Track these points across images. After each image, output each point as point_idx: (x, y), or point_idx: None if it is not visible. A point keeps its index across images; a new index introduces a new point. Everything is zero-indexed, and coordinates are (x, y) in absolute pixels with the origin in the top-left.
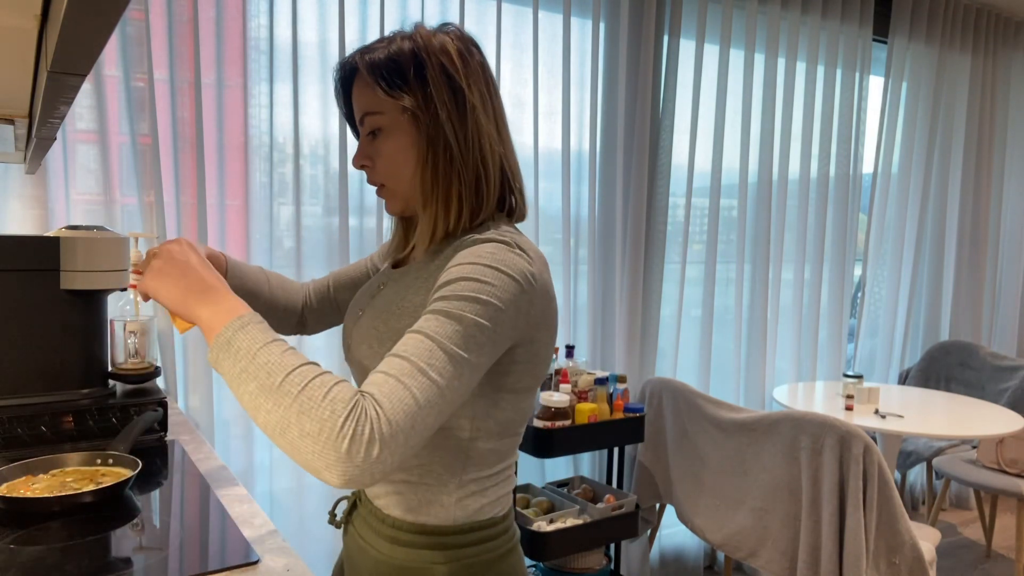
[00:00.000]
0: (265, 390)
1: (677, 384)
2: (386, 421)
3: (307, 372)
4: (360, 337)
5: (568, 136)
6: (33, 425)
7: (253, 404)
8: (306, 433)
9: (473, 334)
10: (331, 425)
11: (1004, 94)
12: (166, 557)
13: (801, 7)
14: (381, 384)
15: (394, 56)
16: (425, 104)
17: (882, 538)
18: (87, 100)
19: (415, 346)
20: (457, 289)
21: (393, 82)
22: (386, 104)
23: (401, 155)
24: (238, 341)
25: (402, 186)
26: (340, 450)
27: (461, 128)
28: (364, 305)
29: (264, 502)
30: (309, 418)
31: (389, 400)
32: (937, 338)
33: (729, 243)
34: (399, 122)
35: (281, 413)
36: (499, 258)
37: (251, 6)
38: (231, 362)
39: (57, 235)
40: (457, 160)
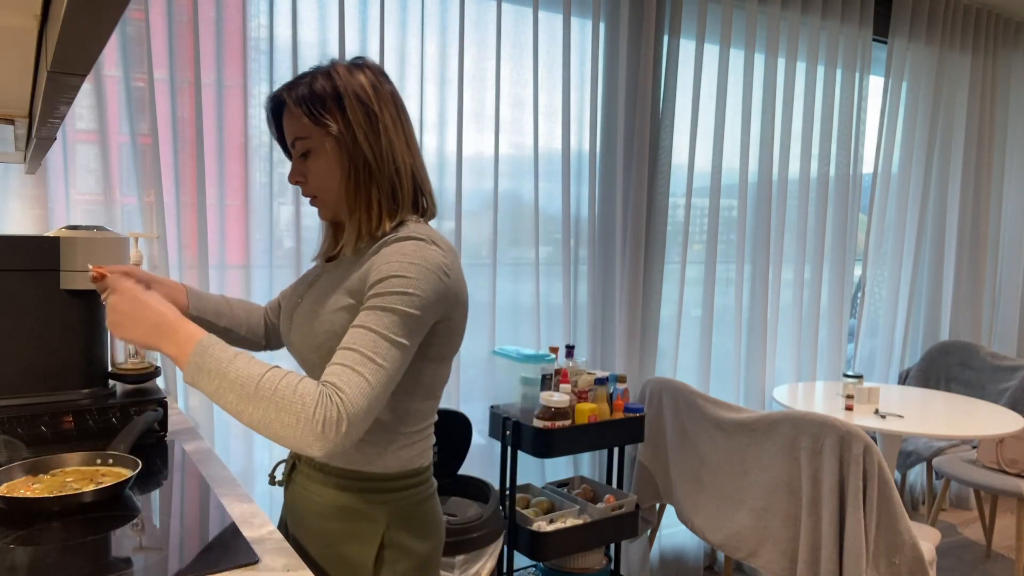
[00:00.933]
0: (243, 398)
1: (677, 384)
2: (348, 403)
3: (274, 376)
4: (300, 319)
5: (568, 136)
6: (33, 425)
7: (236, 410)
8: (286, 424)
9: (406, 322)
10: (305, 415)
11: (1004, 94)
12: (166, 557)
13: (801, 7)
14: (339, 374)
15: (316, 90)
16: (345, 128)
17: (882, 538)
18: (87, 100)
19: (361, 338)
20: (389, 286)
21: (316, 111)
22: (312, 130)
23: (328, 171)
24: (207, 363)
25: (331, 197)
26: (316, 431)
27: (376, 145)
28: (303, 293)
29: (264, 502)
30: (286, 412)
31: (348, 386)
32: (937, 338)
33: (729, 243)
34: (324, 144)
35: (262, 413)
36: (419, 255)
37: (251, 6)
38: (206, 381)
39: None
40: (375, 173)
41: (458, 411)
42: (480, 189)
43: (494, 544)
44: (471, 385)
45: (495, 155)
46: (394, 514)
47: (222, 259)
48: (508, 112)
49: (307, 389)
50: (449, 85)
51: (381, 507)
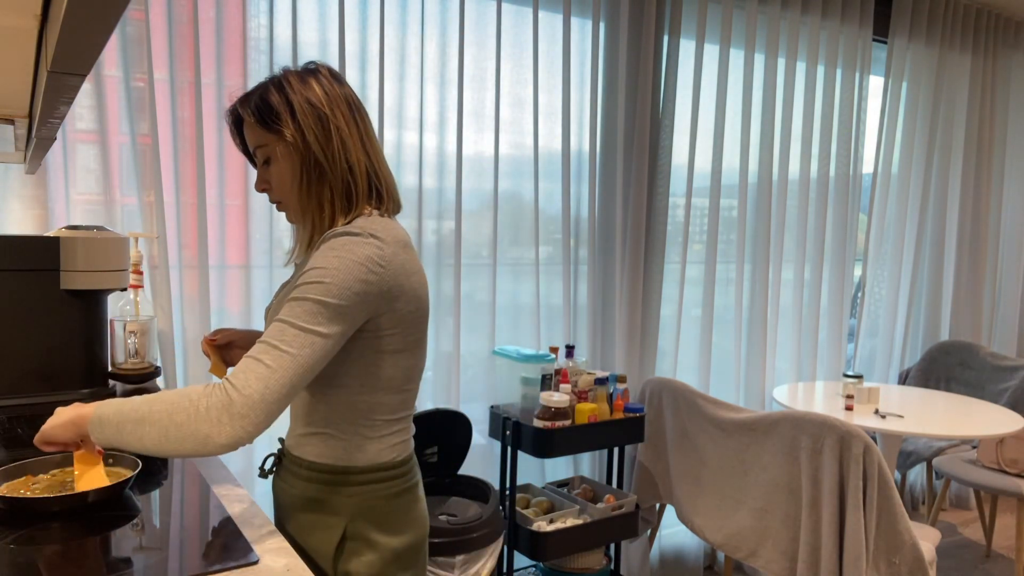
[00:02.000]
0: (139, 423)
1: (677, 384)
2: (240, 386)
3: (166, 393)
4: (270, 315)
5: (568, 136)
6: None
7: (140, 442)
8: (180, 425)
9: (317, 311)
10: (193, 409)
11: (1004, 94)
12: (166, 557)
13: (801, 7)
14: (239, 367)
15: (268, 99)
16: (296, 132)
17: (882, 538)
18: (87, 100)
19: (271, 330)
20: (306, 278)
21: (269, 120)
22: (268, 138)
23: (287, 175)
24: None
25: (292, 200)
26: (211, 420)
27: (328, 147)
28: (274, 293)
29: (264, 502)
30: (177, 414)
31: (241, 373)
32: (937, 338)
33: (729, 243)
34: (280, 150)
35: (160, 429)
36: (347, 248)
37: (251, 6)
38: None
39: (57, 235)
40: (327, 173)
41: (458, 411)
42: (480, 189)
43: (494, 544)
44: (471, 385)
45: (495, 155)
46: (359, 507)
47: (222, 259)
48: (508, 112)
49: (194, 390)
50: (449, 85)
51: (345, 500)
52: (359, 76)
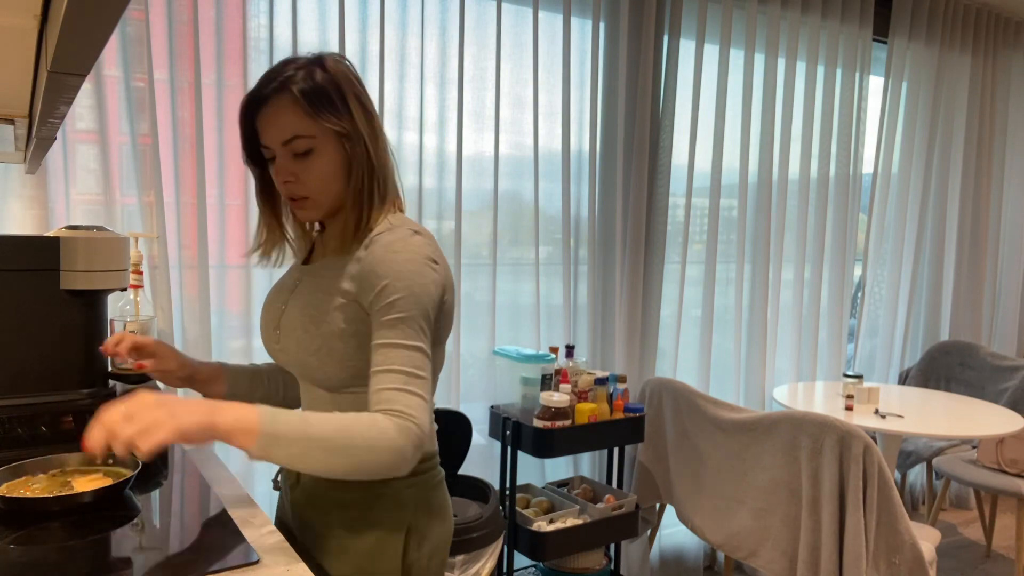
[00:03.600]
0: (332, 452)
1: (677, 384)
2: (421, 424)
3: (351, 423)
4: (292, 325)
5: (568, 136)
6: (33, 425)
7: (325, 468)
8: (381, 462)
9: (422, 326)
10: (395, 448)
11: (1004, 94)
12: (166, 557)
13: (801, 7)
14: (398, 399)
15: (320, 84)
16: (351, 127)
17: (882, 538)
18: (87, 100)
19: (396, 356)
20: (393, 292)
21: (323, 108)
22: (315, 127)
23: (332, 171)
24: (280, 430)
25: (328, 198)
26: (406, 458)
27: (374, 143)
28: (285, 299)
29: (264, 502)
30: (378, 451)
31: (413, 409)
32: (937, 338)
33: (729, 243)
34: (329, 143)
35: (356, 460)
36: (409, 249)
37: (251, 6)
38: (284, 450)
39: (57, 235)
40: (375, 171)
41: (458, 411)
42: (480, 189)
43: (494, 544)
44: (471, 385)
45: (495, 155)
46: (418, 498)
47: (222, 259)
48: (508, 112)
49: (386, 425)
50: (449, 85)
51: (406, 491)
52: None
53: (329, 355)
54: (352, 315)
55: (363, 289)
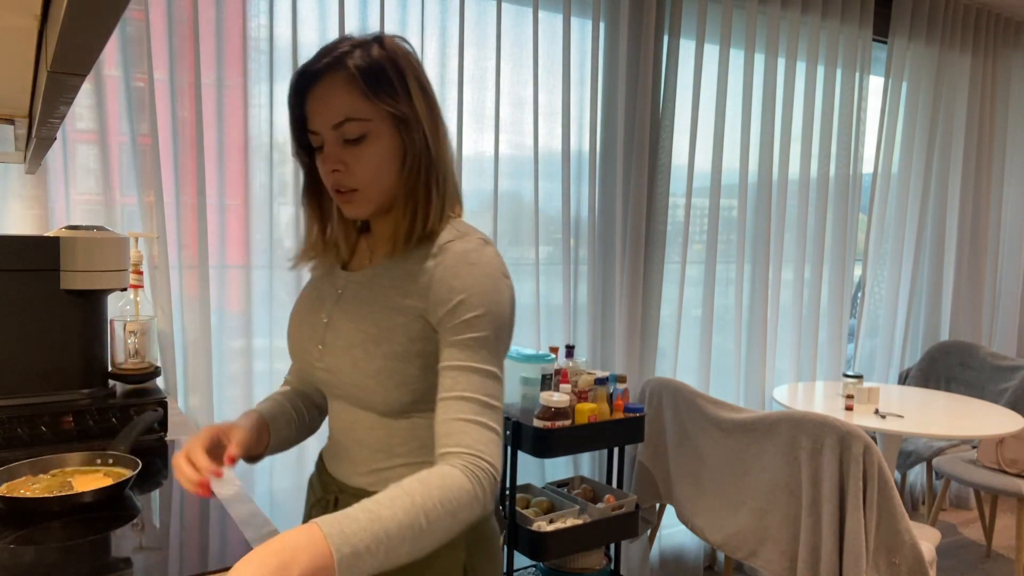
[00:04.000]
0: (418, 537)
1: (677, 384)
2: (494, 465)
3: (425, 498)
4: (344, 342)
5: (568, 136)
6: (33, 425)
7: (414, 552)
8: (464, 520)
9: (496, 348)
10: (475, 501)
11: (1004, 94)
12: (166, 557)
13: (801, 7)
14: (470, 433)
15: (379, 63)
16: (411, 112)
17: (882, 538)
18: (87, 100)
19: (471, 383)
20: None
21: (382, 89)
22: (374, 111)
23: (386, 161)
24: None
25: (380, 191)
26: (486, 506)
27: (434, 134)
28: (328, 311)
29: (264, 502)
30: (461, 512)
31: (485, 446)
32: (937, 338)
33: (729, 243)
34: (385, 129)
35: (442, 534)
36: (486, 261)
37: (251, 6)
38: (369, 561)
39: (57, 235)
40: (435, 164)
41: None
42: (480, 189)
43: None
44: None
45: (495, 155)
46: (473, 536)
47: (222, 259)
48: (508, 112)
49: (460, 481)
50: (449, 85)
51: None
52: None
53: (390, 377)
54: (417, 332)
55: (433, 304)
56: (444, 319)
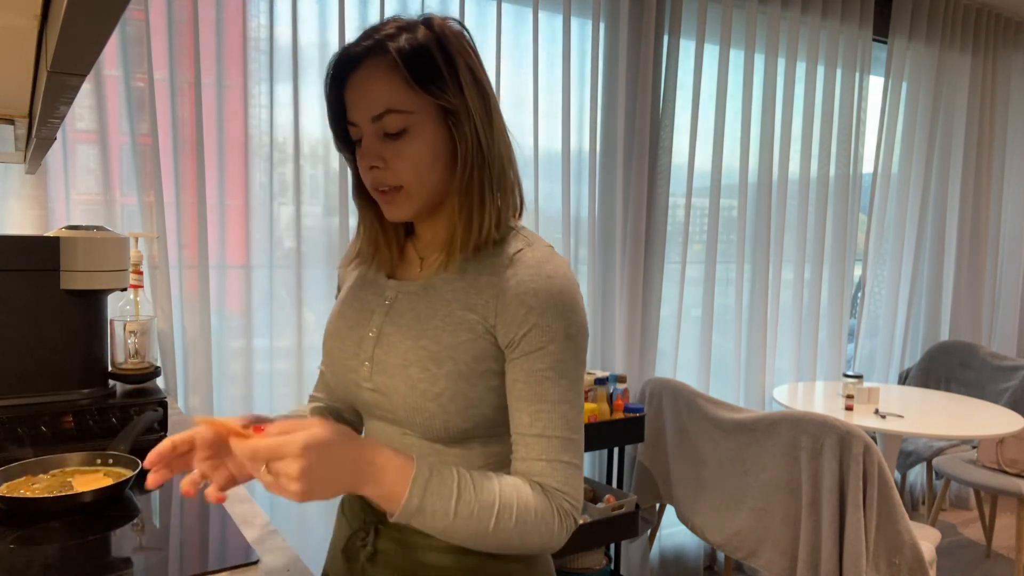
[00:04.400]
0: (479, 536)
1: (677, 384)
2: (576, 502)
3: (507, 503)
4: (399, 360)
5: (568, 136)
6: (33, 425)
7: (468, 543)
8: (531, 546)
9: (581, 373)
10: (550, 535)
11: (1004, 94)
12: (166, 557)
13: (801, 7)
14: (555, 474)
15: (425, 47)
16: (461, 103)
17: (882, 538)
18: (87, 100)
19: (552, 419)
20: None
21: (427, 77)
22: (418, 102)
23: (430, 157)
24: (429, 505)
25: (424, 191)
26: (560, 544)
27: (487, 128)
28: (378, 324)
29: (264, 502)
30: (531, 537)
31: (571, 486)
32: (937, 338)
33: (729, 243)
34: (430, 122)
35: (501, 544)
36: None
37: (251, 6)
38: (429, 522)
39: (57, 235)
40: (487, 163)
41: None
42: None
43: None
44: None
45: None
46: (533, 567)
47: (222, 259)
48: (508, 112)
49: (544, 507)
50: None
51: (520, 563)
52: None
53: (452, 401)
54: (484, 351)
55: (505, 322)
56: (518, 341)
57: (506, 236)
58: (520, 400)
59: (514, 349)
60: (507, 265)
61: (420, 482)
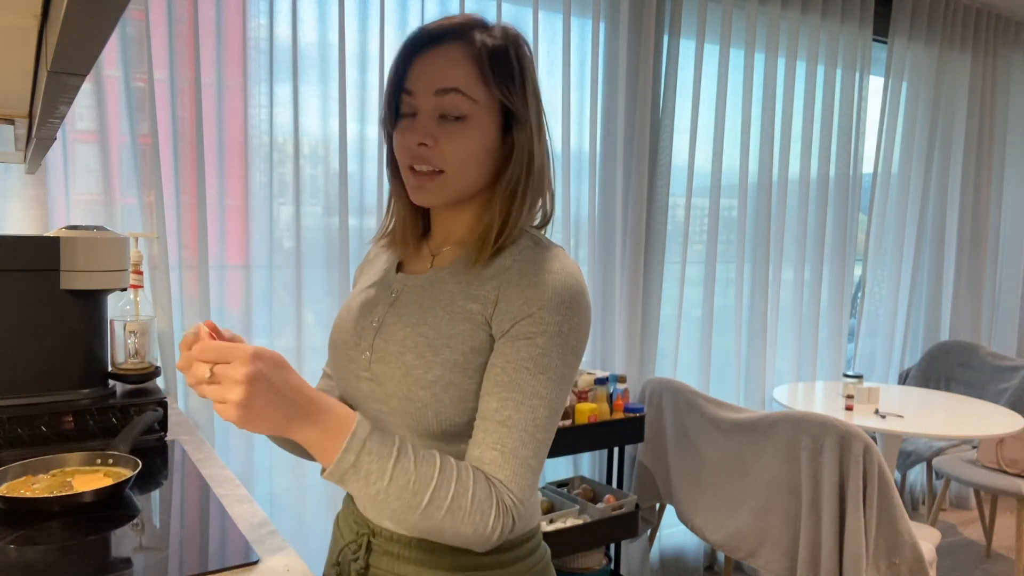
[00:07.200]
0: (411, 508)
1: (677, 384)
2: (519, 501)
3: (447, 481)
4: (397, 348)
5: (568, 136)
6: (33, 425)
7: (396, 517)
8: (461, 534)
9: (566, 373)
10: (483, 526)
11: (1004, 94)
12: (166, 557)
13: (801, 7)
14: (505, 465)
15: (505, 48)
16: (523, 110)
17: (882, 538)
18: (87, 100)
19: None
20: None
21: (500, 76)
22: (486, 95)
23: (479, 151)
24: (364, 464)
25: (462, 182)
26: (492, 540)
27: (539, 138)
28: (381, 316)
29: (264, 502)
30: (462, 524)
31: (518, 483)
32: (937, 338)
33: (729, 243)
34: (489, 119)
35: (432, 524)
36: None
37: (251, 6)
38: (362, 484)
39: (57, 235)
40: (533, 170)
41: None
42: None
43: None
44: None
45: None
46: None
47: (222, 259)
48: None
49: (483, 495)
50: None
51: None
52: (359, 76)
53: (445, 390)
54: (481, 343)
55: (502, 312)
56: (509, 331)
57: (518, 237)
58: (493, 384)
59: (503, 334)
60: (514, 260)
61: (360, 436)
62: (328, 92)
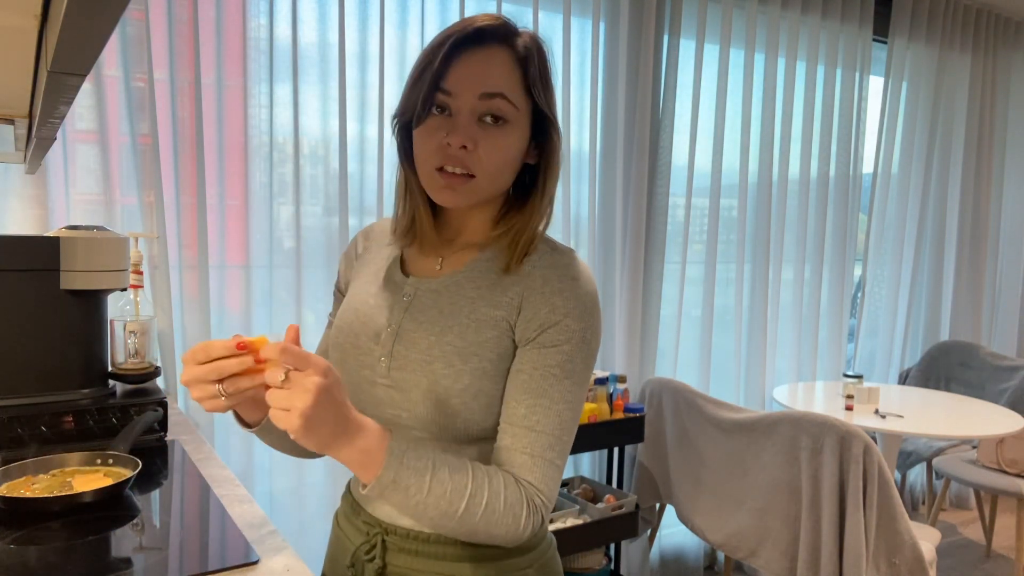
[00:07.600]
0: (447, 517)
1: (677, 384)
2: (548, 500)
3: (480, 489)
4: (423, 355)
5: (568, 136)
6: (33, 425)
7: (434, 524)
8: (495, 536)
9: (587, 376)
10: (515, 528)
11: (1004, 94)
12: (166, 557)
13: (801, 7)
14: (534, 469)
15: (542, 56)
16: (551, 114)
17: (882, 538)
18: (87, 100)
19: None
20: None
21: (538, 84)
22: (525, 101)
23: (513, 157)
24: (404, 479)
25: (491, 187)
26: (523, 537)
27: (559, 142)
28: (398, 320)
29: (264, 502)
30: (496, 527)
31: (547, 484)
32: (937, 338)
33: (729, 243)
34: (523, 125)
35: (468, 529)
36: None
37: (251, 6)
38: (401, 497)
39: (57, 235)
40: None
41: None
42: None
43: None
44: None
45: None
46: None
47: (222, 259)
48: None
49: (514, 499)
50: None
51: (529, 570)
52: (359, 76)
53: (475, 398)
54: (506, 350)
55: (526, 319)
56: (535, 337)
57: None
58: (520, 391)
59: (529, 342)
60: (534, 266)
61: (397, 453)
62: (328, 92)
